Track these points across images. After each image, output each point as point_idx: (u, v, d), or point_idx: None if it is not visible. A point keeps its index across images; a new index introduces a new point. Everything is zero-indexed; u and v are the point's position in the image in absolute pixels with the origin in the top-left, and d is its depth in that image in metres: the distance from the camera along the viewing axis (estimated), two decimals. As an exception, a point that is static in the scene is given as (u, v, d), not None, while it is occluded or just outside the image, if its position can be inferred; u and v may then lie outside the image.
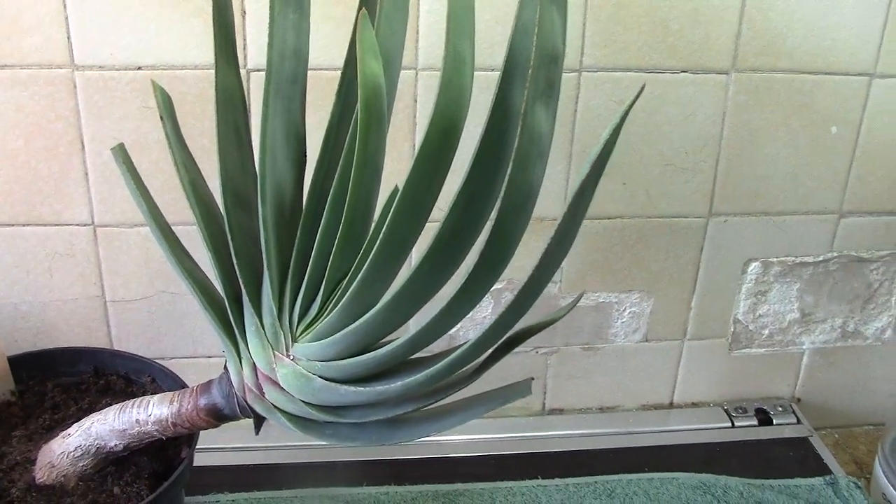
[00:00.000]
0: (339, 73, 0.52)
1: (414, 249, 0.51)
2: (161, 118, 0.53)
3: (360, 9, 0.53)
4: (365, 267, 0.47)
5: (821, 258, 0.89)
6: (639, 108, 0.78)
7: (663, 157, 0.81)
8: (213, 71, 0.65)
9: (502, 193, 0.44)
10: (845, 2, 0.77)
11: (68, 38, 0.70)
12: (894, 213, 0.88)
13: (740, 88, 0.80)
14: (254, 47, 0.72)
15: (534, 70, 0.43)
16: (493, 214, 0.44)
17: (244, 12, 0.71)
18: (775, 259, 0.88)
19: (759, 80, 0.80)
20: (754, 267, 0.88)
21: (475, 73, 0.49)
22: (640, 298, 0.88)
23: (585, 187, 0.43)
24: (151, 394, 0.58)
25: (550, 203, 0.80)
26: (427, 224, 0.49)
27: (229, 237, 0.51)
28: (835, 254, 0.89)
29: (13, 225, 0.75)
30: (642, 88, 0.45)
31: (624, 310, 0.88)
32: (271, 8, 0.51)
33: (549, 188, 0.80)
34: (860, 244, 0.89)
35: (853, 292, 0.91)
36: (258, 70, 0.73)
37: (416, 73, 0.74)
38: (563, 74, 0.48)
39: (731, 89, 0.80)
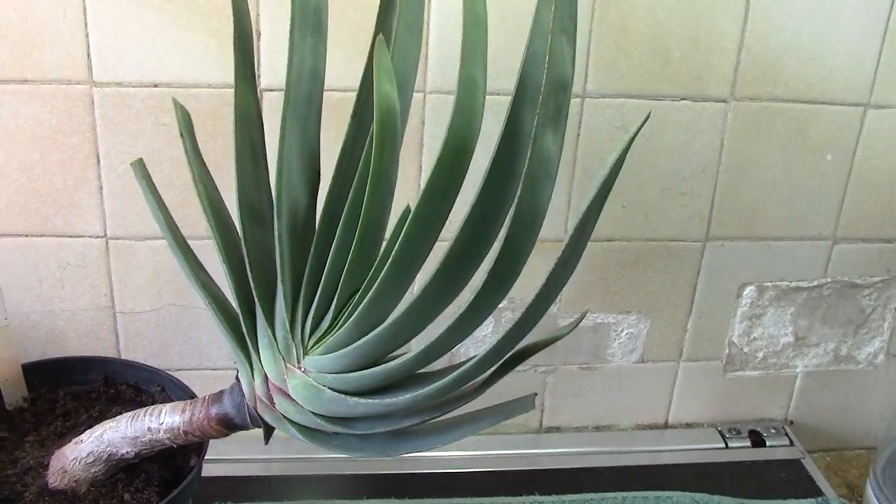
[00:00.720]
0: (351, 94, 0.54)
1: (423, 267, 0.52)
2: (181, 135, 0.55)
3: (376, 34, 0.55)
4: (376, 283, 0.49)
5: (815, 283, 0.91)
6: (640, 134, 0.80)
7: (662, 182, 0.83)
8: (226, 89, 0.67)
9: (511, 214, 0.45)
10: (841, 33, 0.80)
11: (88, 55, 0.72)
12: (887, 239, 0.90)
13: (738, 116, 0.82)
14: (267, 67, 0.74)
15: (544, 96, 0.45)
16: (502, 234, 0.46)
17: (259, 33, 0.73)
18: (770, 283, 0.90)
19: (757, 108, 0.82)
20: (749, 291, 0.90)
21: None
22: (637, 320, 0.89)
23: (591, 212, 0.45)
24: (161, 403, 0.59)
25: (551, 225, 0.82)
26: (437, 242, 0.51)
27: (244, 251, 0.53)
28: (828, 279, 0.91)
29: (27, 235, 0.77)
30: (647, 116, 0.47)
31: (621, 330, 0.90)
32: (291, 31, 0.53)
33: (551, 210, 0.81)
34: (853, 270, 0.91)
35: (846, 317, 0.93)
36: (271, 90, 0.75)
37: (425, 97, 0.76)
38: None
39: (729, 116, 0.82)
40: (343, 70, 0.73)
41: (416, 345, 0.50)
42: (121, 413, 0.60)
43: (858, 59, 0.81)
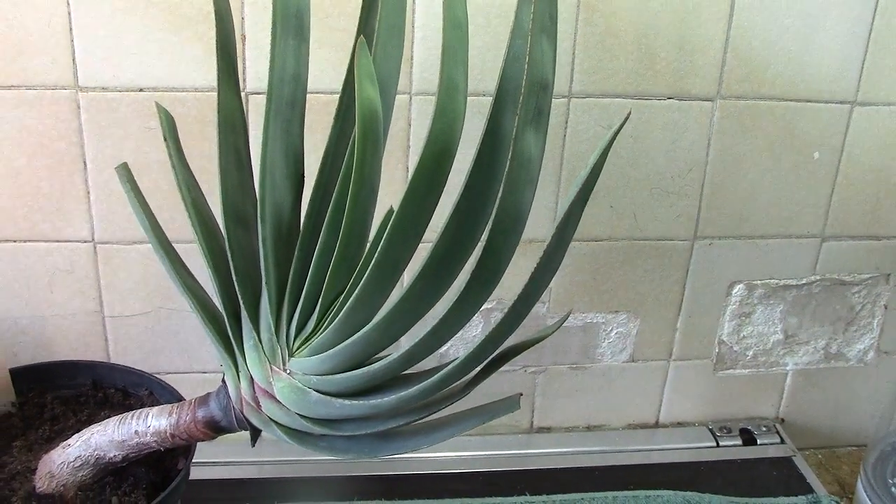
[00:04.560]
0: (334, 96, 0.54)
1: (407, 268, 0.52)
2: (165, 139, 0.55)
3: (358, 35, 0.55)
4: (360, 285, 0.49)
5: (804, 281, 0.91)
6: (626, 134, 0.81)
7: (650, 181, 0.83)
8: (212, 93, 0.67)
9: (493, 216, 0.46)
10: (827, 32, 0.80)
11: (73, 60, 0.72)
12: (875, 236, 0.90)
13: (725, 115, 0.82)
14: (252, 70, 0.74)
15: (524, 97, 0.46)
16: (484, 236, 0.46)
17: (244, 37, 0.73)
18: (759, 281, 0.90)
19: (743, 106, 0.82)
20: (738, 289, 0.90)
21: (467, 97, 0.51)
22: (626, 319, 0.89)
23: (573, 210, 0.45)
24: (149, 406, 0.59)
25: (539, 225, 0.82)
26: (420, 243, 0.51)
27: (229, 255, 0.53)
28: (817, 277, 0.91)
29: (15, 241, 0.77)
30: (628, 115, 0.47)
31: (611, 330, 0.90)
32: (273, 34, 0.53)
33: (537, 210, 0.82)
34: (842, 267, 0.91)
35: (836, 314, 0.93)
36: (257, 93, 0.75)
37: (410, 98, 0.76)
38: (553, 100, 0.50)
39: (715, 115, 0.82)
40: (327, 71, 0.74)
41: (404, 344, 0.51)
42: (109, 416, 0.60)
43: (844, 57, 0.81)
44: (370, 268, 0.48)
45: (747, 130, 0.83)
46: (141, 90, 0.74)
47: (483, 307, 0.55)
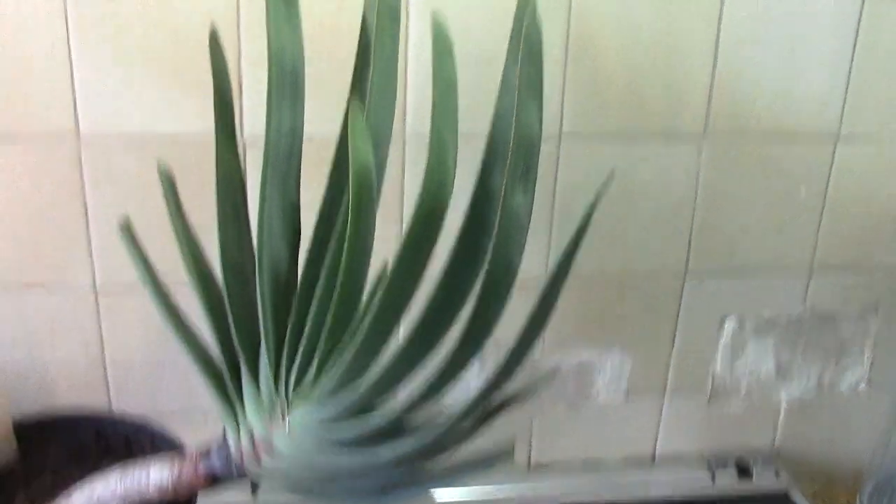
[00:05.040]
0: (327, 139, 0.56)
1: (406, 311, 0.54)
2: (165, 197, 0.57)
3: (353, 87, 0.57)
4: (358, 337, 0.50)
5: (794, 314, 0.92)
6: (617, 171, 0.82)
7: (640, 218, 0.85)
8: (211, 139, 0.68)
9: (485, 270, 0.47)
10: (809, 69, 0.82)
11: (74, 108, 0.73)
12: (864, 269, 0.91)
13: (712, 151, 0.84)
14: (250, 115, 0.76)
15: (512, 155, 0.47)
16: (477, 289, 0.47)
17: (241, 84, 0.75)
18: (750, 315, 0.91)
19: (730, 143, 0.84)
20: (730, 323, 0.91)
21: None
22: (620, 354, 0.91)
23: (558, 277, 0.47)
24: (151, 455, 0.60)
25: (532, 262, 0.83)
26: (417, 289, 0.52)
27: (228, 309, 0.54)
28: (808, 310, 0.92)
29: (17, 287, 0.78)
30: (612, 174, 0.48)
31: (605, 366, 0.91)
32: (269, 92, 0.54)
33: (530, 248, 0.83)
34: (832, 300, 0.92)
35: (827, 346, 0.95)
36: (255, 141, 0.76)
37: (404, 144, 0.78)
38: (544, 136, 0.51)
39: (703, 152, 0.84)
40: (322, 116, 0.75)
41: (402, 394, 0.52)
42: (111, 466, 0.61)
43: (827, 93, 0.83)
44: (367, 321, 0.49)
45: (735, 167, 0.85)
46: (141, 138, 0.75)
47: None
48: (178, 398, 0.85)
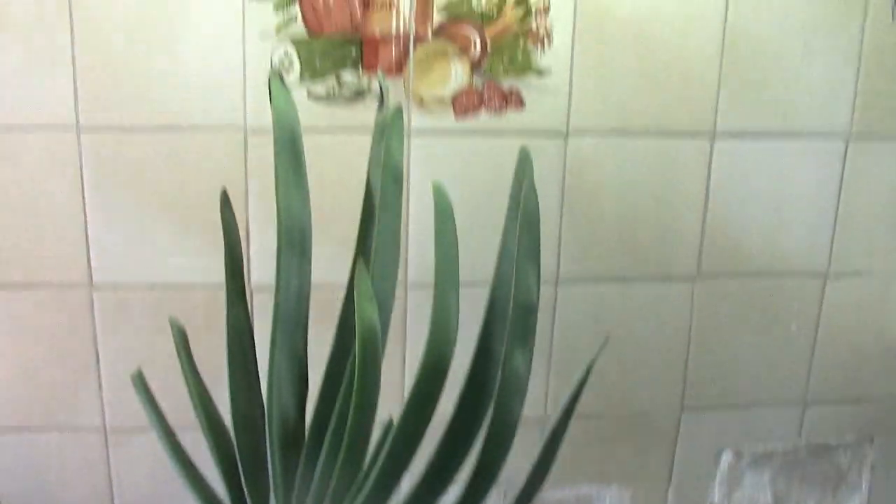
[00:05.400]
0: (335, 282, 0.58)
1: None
2: (178, 353, 0.59)
3: (358, 248, 0.60)
4: (365, 488, 0.52)
5: (790, 446, 0.93)
6: (614, 312, 0.85)
7: (636, 357, 0.87)
8: (218, 288, 0.70)
9: (486, 427, 0.49)
10: (797, 212, 0.86)
11: (88, 259, 0.77)
12: (857, 400, 0.93)
13: (705, 292, 0.87)
14: (257, 261, 0.79)
15: (512, 321, 0.50)
16: (479, 443, 0.50)
17: (248, 233, 0.78)
18: (746, 448, 0.93)
19: (722, 284, 0.87)
20: (727, 456, 0.93)
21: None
22: (619, 490, 0.91)
23: (560, 423, 0.49)
24: None
25: (531, 399, 0.85)
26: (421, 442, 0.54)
27: (238, 460, 0.56)
28: (803, 441, 0.94)
29: (30, 429, 0.80)
30: (605, 341, 0.51)
31: (604, 500, 0.92)
32: (278, 253, 0.57)
33: (529, 386, 0.85)
34: (827, 431, 0.94)
35: (824, 476, 0.96)
36: (262, 288, 0.79)
37: (406, 292, 0.81)
38: (542, 278, 0.53)
39: (696, 293, 0.87)
40: (329, 266, 0.78)
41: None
42: None
43: (814, 234, 0.87)
44: (373, 475, 0.51)
45: (727, 306, 0.88)
46: (152, 288, 0.78)
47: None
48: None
